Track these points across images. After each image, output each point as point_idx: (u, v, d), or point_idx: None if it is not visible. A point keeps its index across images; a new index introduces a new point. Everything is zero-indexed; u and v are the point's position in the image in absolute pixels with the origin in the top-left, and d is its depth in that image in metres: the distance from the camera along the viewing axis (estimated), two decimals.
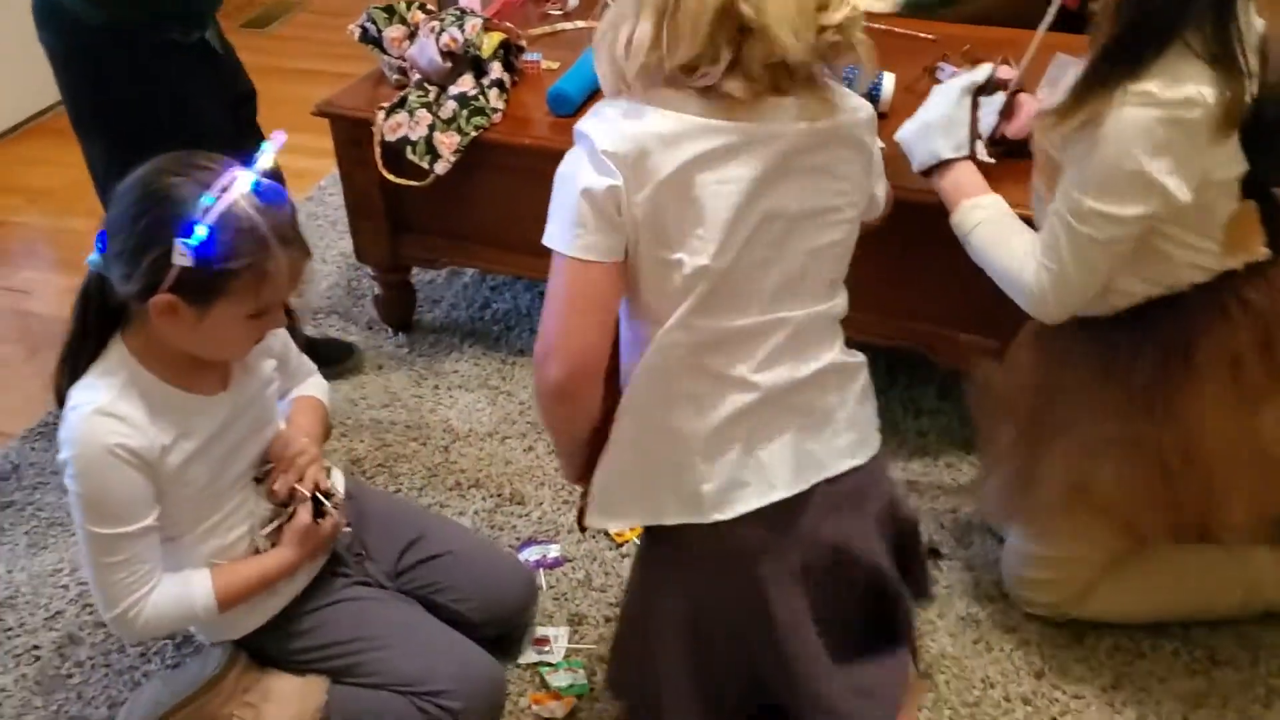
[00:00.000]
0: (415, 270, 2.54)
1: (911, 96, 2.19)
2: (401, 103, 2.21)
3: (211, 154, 1.38)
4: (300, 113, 2.31)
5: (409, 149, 2.17)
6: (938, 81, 2.25)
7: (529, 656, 1.79)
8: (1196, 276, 1.52)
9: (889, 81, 2.10)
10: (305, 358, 1.73)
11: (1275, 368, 1.54)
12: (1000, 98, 1.80)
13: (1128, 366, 1.58)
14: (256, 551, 1.56)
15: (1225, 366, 1.52)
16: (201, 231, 1.30)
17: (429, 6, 2.36)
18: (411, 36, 2.29)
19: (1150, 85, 1.34)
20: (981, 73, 1.73)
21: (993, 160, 1.80)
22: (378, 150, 2.19)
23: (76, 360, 1.43)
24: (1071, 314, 1.54)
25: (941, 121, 1.68)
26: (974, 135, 1.68)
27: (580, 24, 2.53)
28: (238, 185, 1.33)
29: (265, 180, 1.37)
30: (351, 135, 2.26)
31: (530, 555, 1.95)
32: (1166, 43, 1.35)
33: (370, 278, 2.58)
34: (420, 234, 2.36)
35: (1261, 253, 1.51)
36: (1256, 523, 1.63)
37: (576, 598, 1.89)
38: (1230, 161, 1.44)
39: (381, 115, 2.19)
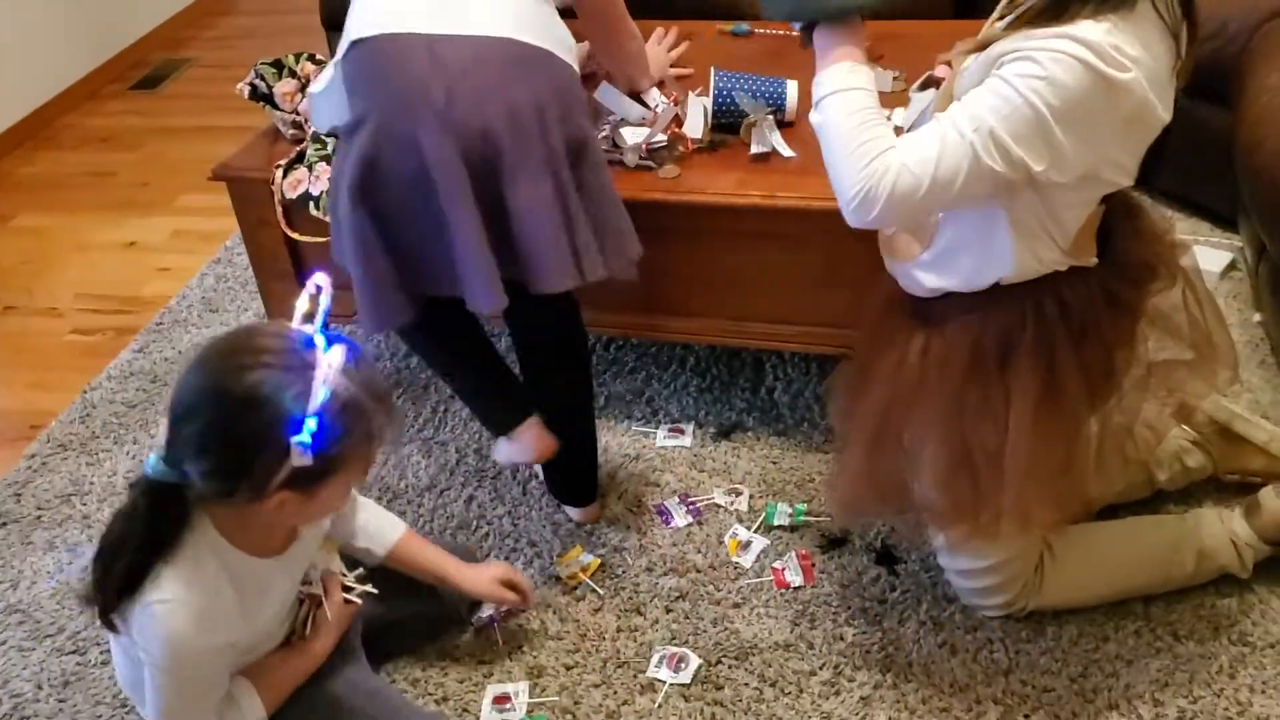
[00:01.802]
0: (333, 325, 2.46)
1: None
2: (299, 158, 2.15)
3: (263, 329, 1.30)
4: (201, 174, 2.23)
5: (312, 204, 2.10)
6: None
7: (491, 717, 1.73)
8: (1028, 273, 1.47)
9: (792, 90, 2.08)
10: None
11: (1087, 367, 1.52)
12: (931, 94, 1.74)
13: (945, 361, 1.55)
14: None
15: (1039, 368, 1.50)
16: (312, 424, 1.21)
17: (319, 57, 2.30)
18: (303, 89, 2.23)
19: (1100, 33, 1.25)
20: None
21: None
22: (279, 209, 2.13)
23: (145, 564, 1.31)
24: (879, 226, 1.41)
25: None
26: None
27: None
28: (328, 361, 1.23)
29: (346, 344, 1.26)
30: (251, 196, 2.18)
31: (485, 611, 1.89)
32: None
33: None
34: (332, 288, 2.28)
35: (1091, 260, 1.49)
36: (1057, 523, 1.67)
37: (534, 648, 1.84)
38: (1127, 170, 1.39)
39: (279, 173, 2.12)
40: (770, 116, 2.05)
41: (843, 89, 1.37)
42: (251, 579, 1.40)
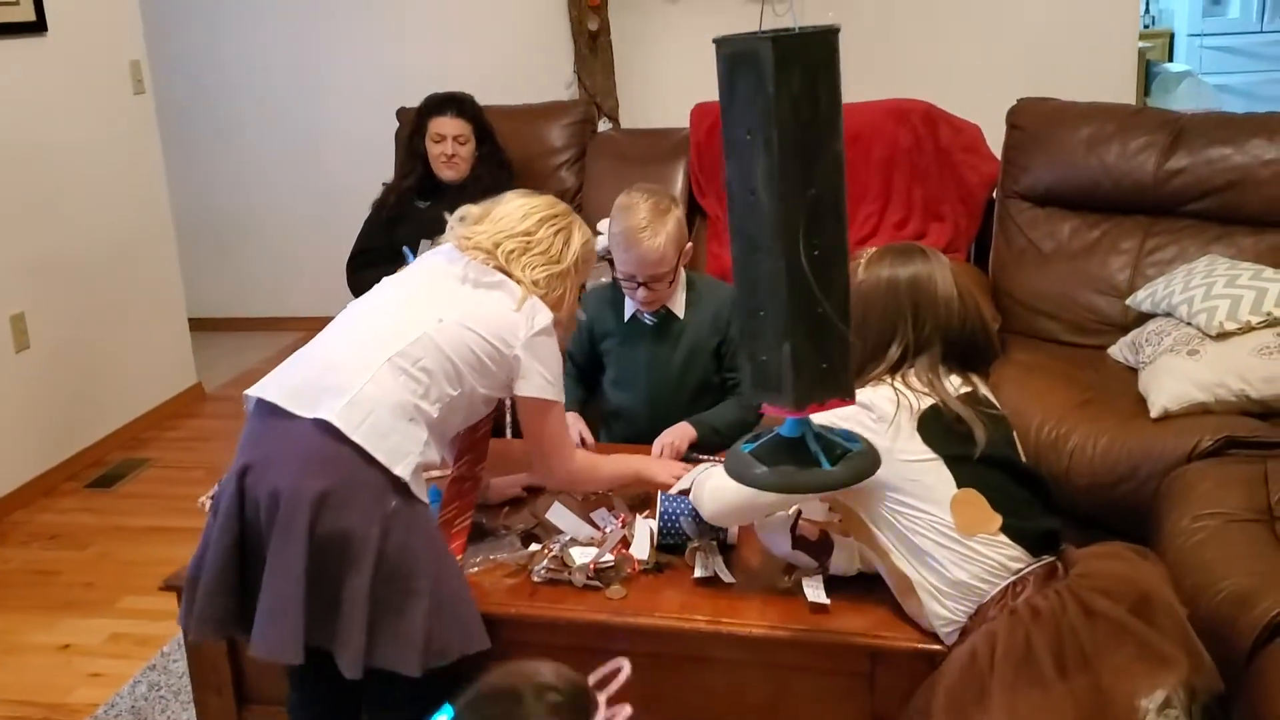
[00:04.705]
0: None
1: (751, 533, 2.26)
2: None
3: (543, 666, 1.39)
4: (148, 575, 2.26)
5: None
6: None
7: None
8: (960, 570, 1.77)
9: None
10: None
11: (1065, 666, 1.64)
12: (781, 517, 2.04)
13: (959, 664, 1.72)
14: None
15: (1012, 669, 1.65)
16: None
17: None
18: None
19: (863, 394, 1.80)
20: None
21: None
22: None
23: None
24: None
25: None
26: None
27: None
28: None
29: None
30: None
31: None
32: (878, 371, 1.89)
33: None
34: (269, 704, 2.24)
35: (998, 536, 1.77)
36: None
37: None
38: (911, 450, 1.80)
39: None
40: (714, 542, 2.14)
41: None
42: None
